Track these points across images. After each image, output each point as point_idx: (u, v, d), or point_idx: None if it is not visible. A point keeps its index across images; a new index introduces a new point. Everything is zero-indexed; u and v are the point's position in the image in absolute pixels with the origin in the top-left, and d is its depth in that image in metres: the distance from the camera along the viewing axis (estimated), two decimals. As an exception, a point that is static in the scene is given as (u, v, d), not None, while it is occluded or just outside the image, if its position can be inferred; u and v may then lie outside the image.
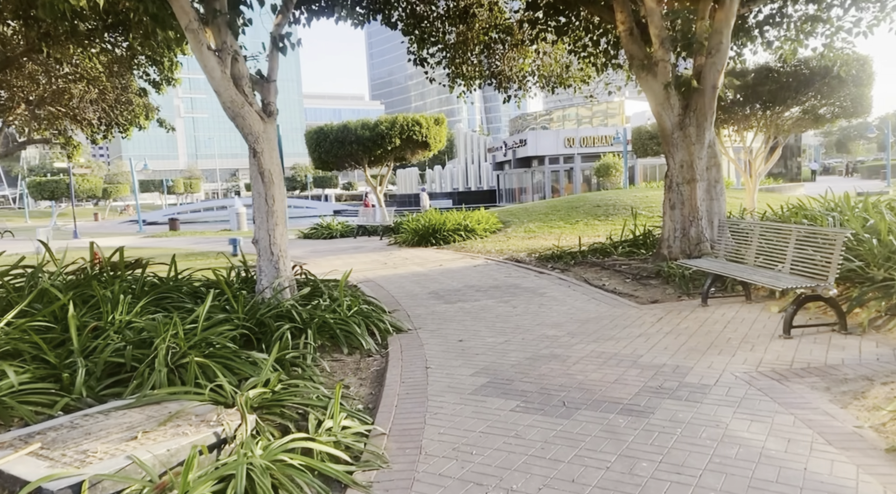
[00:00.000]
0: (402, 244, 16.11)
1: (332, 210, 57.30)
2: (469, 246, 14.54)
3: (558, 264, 10.79)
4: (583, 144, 38.03)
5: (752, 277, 6.01)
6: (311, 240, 19.66)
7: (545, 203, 20.67)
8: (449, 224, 15.97)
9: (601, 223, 16.42)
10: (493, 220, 17.57)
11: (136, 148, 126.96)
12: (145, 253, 17.41)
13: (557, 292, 8.34)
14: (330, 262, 13.39)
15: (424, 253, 14.05)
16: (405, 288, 9.38)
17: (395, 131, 20.07)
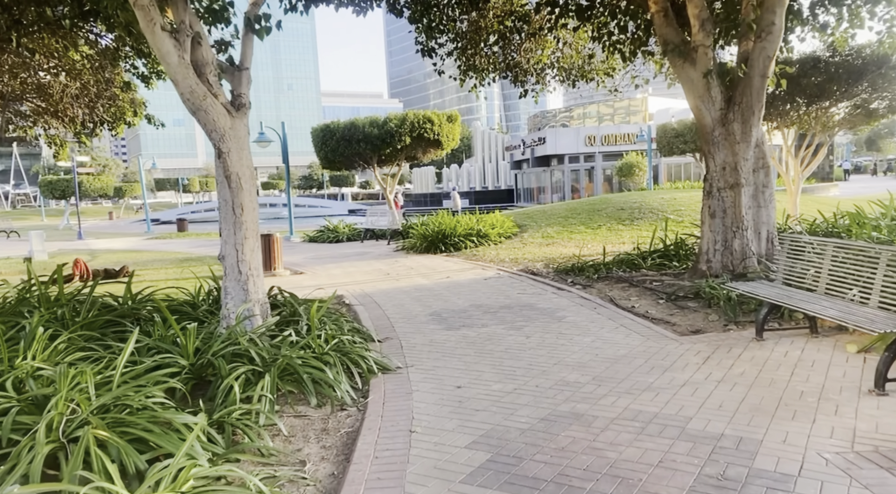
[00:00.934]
0: (410, 250, 14.97)
1: (346, 210, 56.47)
2: (481, 254, 13.34)
3: (580, 277, 9.55)
4: (604, 142, 36.55)
5: (832, 313, 4.73)
6: (316, 244, 18.60)
7: (565, 205, 19.39)
8: (460, 229, 14.79)
9: (626, 229, 15.11)
10: (509, 224, 16.35)
11: (155, 146, 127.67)
12: (140, 258, 16.49)
13: (579, 316, 7.11)
14: (329, 271, 12.28)
15: (432, 262, 12.88)
16: (404, 307, 8.22)
17: (406, 129, 18.93)
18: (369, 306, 8.43)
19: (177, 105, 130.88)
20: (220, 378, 4.64)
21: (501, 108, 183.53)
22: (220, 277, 8.37)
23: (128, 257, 16.88)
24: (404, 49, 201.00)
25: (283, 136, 20.17)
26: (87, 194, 41.29)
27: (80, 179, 39.31)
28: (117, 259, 16.50)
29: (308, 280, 11.20)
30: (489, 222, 16.01)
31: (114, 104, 13.02)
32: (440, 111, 20.15)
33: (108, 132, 13.83)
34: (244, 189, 6.22)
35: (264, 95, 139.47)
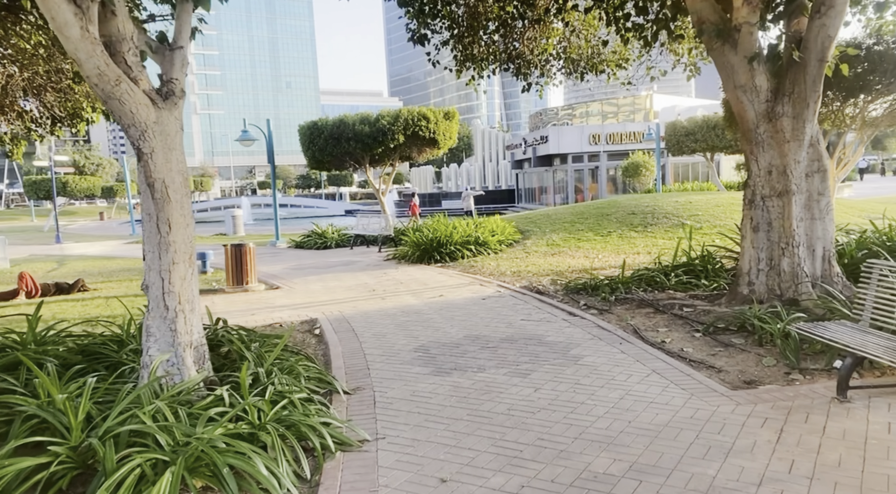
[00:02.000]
0: (402, 260, 13.60)
1: (343, 210, 55.14)
2: (480, 265, 11.97)
3: (594, 299, 8.19)
4: (609, 140, 35.16)
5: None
6: (302, 251, 17.23)
7: (570, 209, 18.02)
8: (457, 236, 13.42)
9: (639, 236, 13.74)
10: (510, 230, 14.98)
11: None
12: (108, 267, 15.13)
13: (599, 356, 5.75)
14: (308, 285, 10.92)
15: (425, 274, 11.52)
16: (386, 338, 6.85)
17: (399, 127, 17.56)
18: (345, 336, 7.06)
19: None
20: (105, 473, 3.28)
21: (502, 106, 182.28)
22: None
23: (96, 266, 15.53)
24: (404, 47, 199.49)
25: (269, 133, 18.81)
26: (73, 195, 39.95)
27: (65, 179, 37.98)
28: (84, 268, 15.16)
29: (282, 298, 9.83)
30: (489, 227, 14.65)
31: (68, 98, 11.65)
32: (435, 107, 18.78)
33: (35, 130, 12.42)
34: (173, 201, 4.85)
35: (262, 94, 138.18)
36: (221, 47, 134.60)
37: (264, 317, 8.36)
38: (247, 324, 7.91)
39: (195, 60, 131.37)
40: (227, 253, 10.89)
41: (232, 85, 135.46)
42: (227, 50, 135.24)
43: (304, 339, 7.08)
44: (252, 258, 11.01)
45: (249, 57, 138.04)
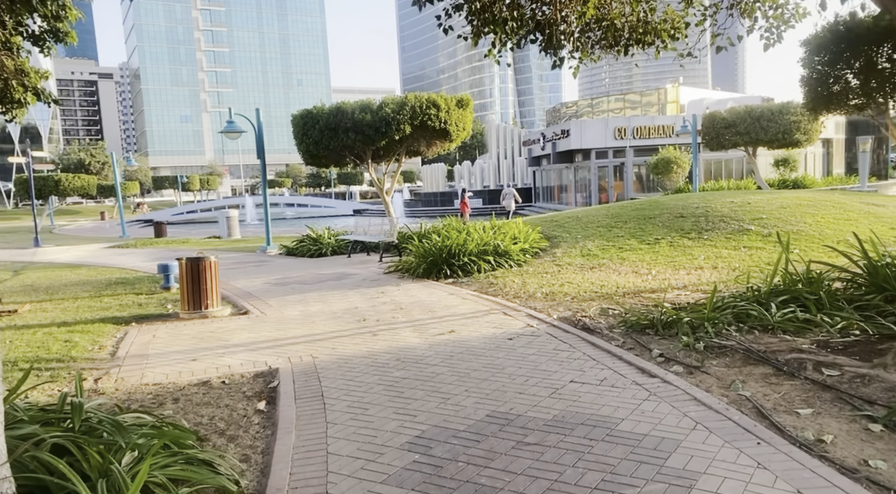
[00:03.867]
0: (405, 273, 11.24)
1: (351, 209, 52.93)
2: (501, 282, 9.56)
3: (668, 341, 5.76)
4: (636, 134, 32.52)
5: None
6: (293, 259, 14.92)
7: (603, 211, 15.55)
8: (472, 245, 11.02)
9: (695, 245, 11.25)
10: (535, 236, 12.55)
11: (162, 143, 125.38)
12: (65, 278, 12.87)
13: (727, 476, 3.32)
14: (284, 309, 8.57)
15: (432, 294, 9.13)
16: (367, 416, 4.47)
17: (405, 116, 15.18)
18: (307, 409, 4.70)
19: (183, 101, 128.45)
20: None
21: (516, 103, 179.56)
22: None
23: (51, 277, 13.31)
24: (417, 45, 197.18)
25: (258, 125, 16.52)
26: (67, 193, 38.06)
27: (57, 177, 36.06)
28: (36, 279, 12.96)
29: (245, 329, 7.49)
30: (510, 233, 12.24)
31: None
32: (449, 95, 16.38)
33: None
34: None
35: (273, 91, 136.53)
36: (232, 45, 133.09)
37: (207, 365, 6.02)
38: (178, 377, 5.59)
39: (206, 58, 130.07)
40: (181, 269, 8.57)
41: (243, 83, 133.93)
42: (237, 47, 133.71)
43: (245, 413, 4.72)
44: (214, 276, 8.69)
45: (260, 54, 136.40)
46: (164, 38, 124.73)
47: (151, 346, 6.84)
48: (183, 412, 4.67)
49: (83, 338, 7.18)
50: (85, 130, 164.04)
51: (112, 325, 8.01)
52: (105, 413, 3.83)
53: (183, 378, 5.58)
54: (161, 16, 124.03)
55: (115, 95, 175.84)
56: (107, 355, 6.54)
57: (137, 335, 7.38)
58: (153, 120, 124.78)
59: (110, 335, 7.44)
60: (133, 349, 6.74)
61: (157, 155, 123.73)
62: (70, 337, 7.19)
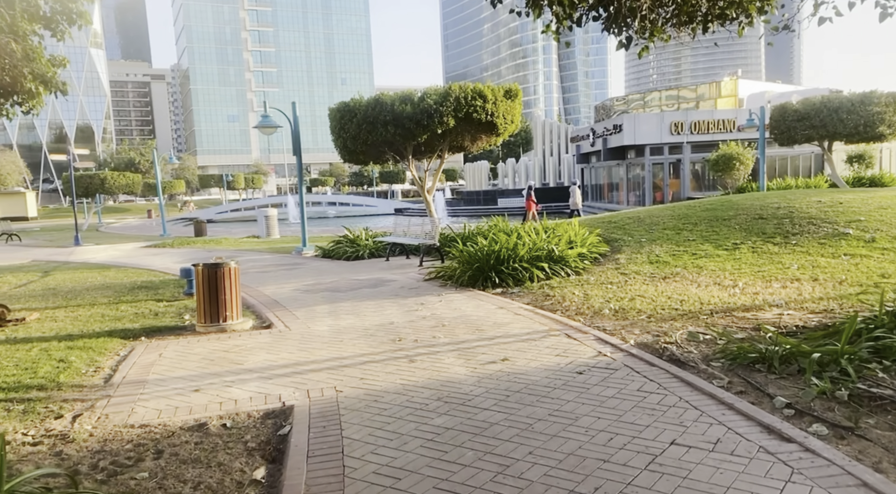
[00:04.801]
0: (447, 280, 10.07)
1: (393, 208, 52.17)
2: (559, 294, 8.30)
3: (787, 380, 4.43)
4: (694, 130, 30.53)
5: None
6: (328, 262, 13.95)
7: (668, 212, 14.05)
8: (523, 250, 9.78)
9: (783, 251, 9.73)
10: (593, 240, 11.22)
11: (210, 142, 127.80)
12: (88, 280, 12.19)
13: None
14: (312, 322, 7.51)
15: (479, 308, 7.94)
16: (400, 486, 3.31)
17: (448, 107, 14.02)
18: (321, 474, 3.57)
19: (230, 101, 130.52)
20: None
21: (560, 100, 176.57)
22: None
23: (77, 279, 12.67)
24: (460, 43, 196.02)
25: (294, 120, 15.64)
26: (113, 192, 38.37)
27: (103, 175, 36.33)
28: (61, 281, 12.33)
29: (264, 349, 6.45)
30: (565, 236, 10.94)
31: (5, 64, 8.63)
32: (497, 85, 15.14)
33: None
34: None
35: (318, 90, 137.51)
36: (278, 45, 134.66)
37: (211, 398, 4.98)
38: (172, 415, 4.57)
39: (252, 58, 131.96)
40: (197, 277, 7.62)
41: (288, 82, 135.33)
42: (283, 47, 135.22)
43: (241, 480, 3.62)
44: (234, 284, 7.70)
45: (305, 54, 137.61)
46: (212, 39, 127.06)
47: (154, 369, 5.86)
48: (162, 475, 3.60)
49: (81, 357, 6.27)
50: (138, 130, 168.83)
51: (119, 339, 7.10)
52: (40, 489, 2.78)
53: (177, 418, 4.54)
54: (209, 17, 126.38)
55: (166, 95, 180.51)
56: (100, 380, 5.59)
57: (142, 354, 6.43)
58: (201, 119, 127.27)
59: (113, 353, 6.51)
60: (132, 372, 5.77)
61: (205, 154, 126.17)
62: (66, 356, 6.29)
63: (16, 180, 62.62)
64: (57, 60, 9.49)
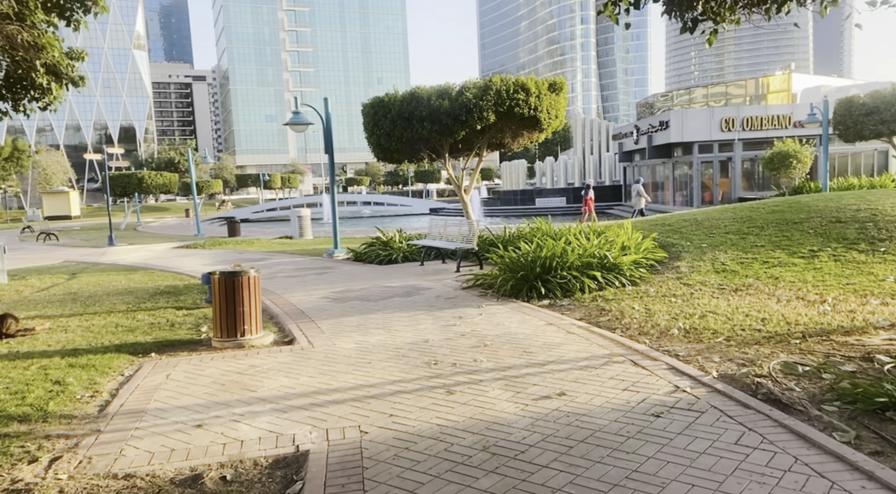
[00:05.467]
0: (488, 289, 9.18)
1: (427, 208, 51.48)
2: (616, 308, 7.34)
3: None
4: (746, 126, 28.89)
5: None
6: (359, 266, 13.21)
7: (729, 213, 12.88)
8: (573, 257, 8.82)
9: (872, 259, 8.55)
10: (648, 245, 10.18)
11: (249, 142, 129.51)
12: (111, 284, 11.70)
13: None
14: (338, 338, 6.72)
15: (524, 324, 7.03)
16: None
17: (489, 102, 13.14)
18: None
19: (269, 101, 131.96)
20: None
21: (599, 99, 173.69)
22: None
23: (101, 283, 12.21)
24: (497, 41, 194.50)
25: (326, 116, 14.96)
26: (150, 191, 38.61)
27: (140, 175, 36.55)
28: (85, 284, 11.87)
29: (282, 371, 5.68)
30: (618, 241, 9.95)
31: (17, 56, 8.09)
32: (540, 77, 14.17)
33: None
34: None
35: (354, 89, 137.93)
36: (315, 44, 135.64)
37: (214, 437, 4.22)
38: (164, 461, 3.83)
39: (290, 58, 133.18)
40: (213, 287, 6.91)
41: (325, 82, 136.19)
42: (320, 47, 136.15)
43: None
44: (254, 294, 6.97)
45: (342, 54, 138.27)
46: (251, 40, 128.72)
47: (157, 395, 5.15)
48: (132, 558, 2.82)
49: (80, 378, 5.61)
50: (180, 131, 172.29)
51: (128, 356, 6.44)
52: None
53: (170, 466, 3.78)
54: (249, 18, 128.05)
55: (207, 96, 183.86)
56: (95, 408, 4.89)
57: (148, 375, 5.73)
58: (240, 119, 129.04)
59: (116, 373, 5.84)
60: (132, 399, 5.06)
61: (244, 154, 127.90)
62: (65, 376, 5.63)
63: (61, 180, 64.13)
64: (75, 53, 8.94)
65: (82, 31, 9.31)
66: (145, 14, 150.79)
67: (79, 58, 8.94)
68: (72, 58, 8.85)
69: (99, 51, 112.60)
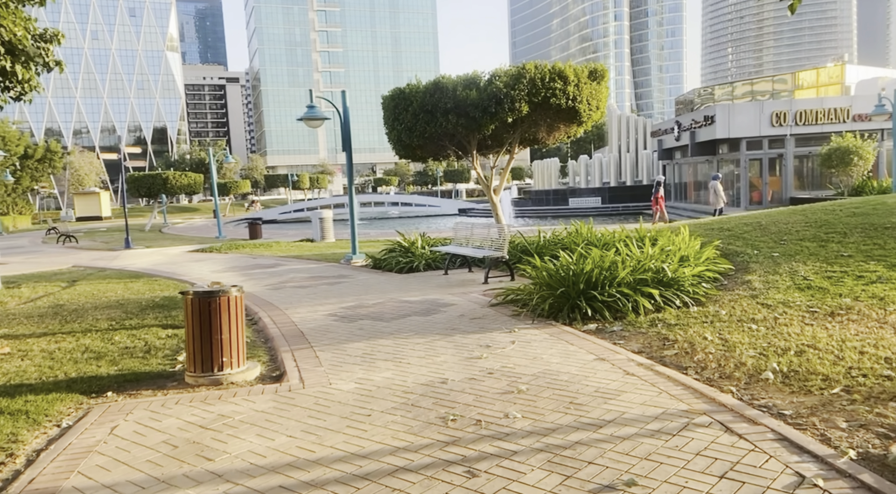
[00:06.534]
0: (521, 307, 7.78)
1: (456, 209, 50.17)
2: (681, 338, 5.88)
3: None
4: (799, 120, 26.80)
5: None
6: (376, 274, 11.93)
7: (798, 216, 11.22)
8: (623, 271, 7.35)
9: None
10: (710, 254, 8.65)
11: (280, 143, 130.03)
12: (108, 294, 10.62)
13: None
14: (338, 372, 5.40)
15: (568, 359, 5.62)
16: None
17: (521, 91, 11.73)
18: None
19: (300, 102, 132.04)
20: None
21: (632, 96, 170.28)
22: None
23: (98, 292, 11.18)
24: (528, 40, 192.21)
25: (344, 110, 13.74)
26: (174, 192, 38.13)
27: (165, 175, 36.04)
28: (78, 294, 10.84)
29: (249, 433, 4.39)
30: (674, 250, 8.45)
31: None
32: (579, 65, 12.70)
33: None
34: None
35: (384, 89, 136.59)
36: (346, 45, 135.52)
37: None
38: None
39: (321, 58, 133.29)
40: (186, 310, 5.67)
41: (355, 82, 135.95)
42: (350, 47, 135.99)
43: None
44: (236, 319, 5.71)
45: (372, 54, 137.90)
46: (282, 41, 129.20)
47: (86, 463, 3.90)
48: None
49: (2, 431, 4.41)
50: (214, 132, 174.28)
51: (78, 395, 5.25)
52: None
53: None
54: (280, 18, 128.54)
55: (240, 97, 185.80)
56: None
57: (90, 428, 4.51)
58: (271, 120, 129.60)
59: (52, 423, 4.64)
60: (50, 470, 3.83)
61: (275, 154, 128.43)
62: None
63: (93, 181, 64.67)
64: (47, 35, 7.82)
65: (117, 34, 8.25)
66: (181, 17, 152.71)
67: (53, 40, 7.85)
68: (45, 40, 7.76)
69: (133, 53, 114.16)
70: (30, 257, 20.49)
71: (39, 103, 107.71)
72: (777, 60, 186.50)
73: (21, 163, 49.11)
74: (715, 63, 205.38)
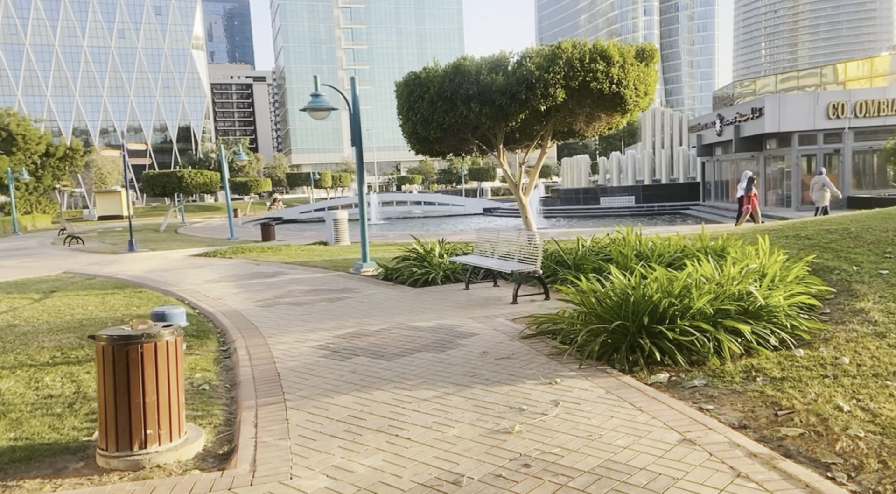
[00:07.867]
0: (562, 342, 6.02)
1: (481, 208, 48.42)
2: (798, 402, 4.07)
3: None
4: (859, 112, 24.43)
5: None
6: (386, 287, 10.27)
7: (894, 221, 9.27)
8: (701, 302, 5.53)
9: None
10: (800, 272, 6.78)
11: (304, 141, 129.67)
12: (88, 310, 9.14)
13: None
14: (311, 451, 3.67)
15: (639, 438, 3.85)
16: None
17: (556, 74, 9.93)
18: None
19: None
20: None
21: (662, 92, 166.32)
22: None
23: (74, 306, 9.72)
24: (555, 36, 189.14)
25: (353, 100, 12.13)
26: (190, 190, 37.04)
27: (180, 174, 34.95)
28: (40, 311, 9.38)
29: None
30: (756, 267, 6.62)
31: None
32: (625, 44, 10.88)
33: None
34: None
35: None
36: (371, 42, 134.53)
37: None
38: None
39: (345, 56, 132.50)
40: (98, 362, 4.05)
41: (380, 80, 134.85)
42: (375, 45, 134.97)
43: None
44: (169, 373, 4.08)
45: (397, 51, 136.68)
46: (306, 38, 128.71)
47: None
48: None
49: None
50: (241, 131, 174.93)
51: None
52: None
53: None
54: (304, 15, 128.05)
55: (267, 96, 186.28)
56: None
57: None
58: (296, 118, 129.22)
59: None
60: None
61: (300, 153, 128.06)
62: None
63: (116, 179, 64.43)
64: None
65: (143, 32, 6.68)
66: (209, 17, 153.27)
67: None
68: None
69: (159, 51, 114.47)
70: (27, 260, 19.34)
71: (67, 102, 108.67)
72: (813, 54, 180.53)
73: (42, 161, 48.73)
74: (747, 58, 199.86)
